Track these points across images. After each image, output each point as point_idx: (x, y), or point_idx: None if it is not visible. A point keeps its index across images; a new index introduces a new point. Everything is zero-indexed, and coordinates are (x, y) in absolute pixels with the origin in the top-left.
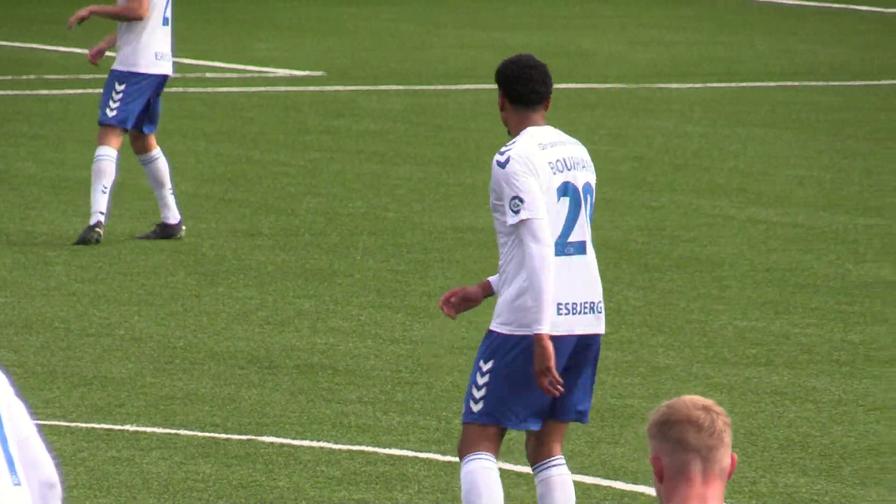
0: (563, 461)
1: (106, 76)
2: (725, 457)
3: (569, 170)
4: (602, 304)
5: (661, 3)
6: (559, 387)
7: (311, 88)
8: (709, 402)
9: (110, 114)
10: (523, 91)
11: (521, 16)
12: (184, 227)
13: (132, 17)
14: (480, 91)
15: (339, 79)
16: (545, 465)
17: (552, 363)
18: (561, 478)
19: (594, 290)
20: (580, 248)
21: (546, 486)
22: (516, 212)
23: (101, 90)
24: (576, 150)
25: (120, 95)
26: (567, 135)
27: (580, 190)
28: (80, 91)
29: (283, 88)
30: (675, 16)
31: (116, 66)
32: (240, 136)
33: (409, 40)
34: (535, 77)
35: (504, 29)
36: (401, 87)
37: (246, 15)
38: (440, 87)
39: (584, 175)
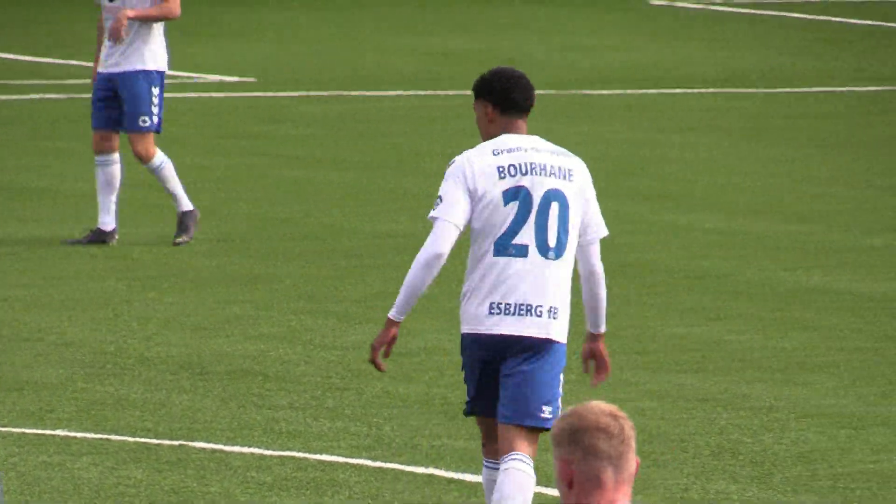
0: (521, 457)
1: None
2: (632, 461)
3: (524, 174)
4: (549, 309)
5: (586, 9)
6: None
7: (241, 94)
8: (613, 407)
9: (155, 119)
10: (519, 99)
11: (445, 21)
12: (117, 236)
13: (171, 17)
14: (406, 97)
15: (266, 85)
16: (503, 459)
17: (379, 347)
18: (513, 471)
19: (536, 294)
20: (522, 251)
21: (501, 476)
22: (434, 208)
23: (31, 96)
24: (544, 158)
25: (158, 99)
26: (551, 144)
27: (535, 196)
28: (2, 97)
29: (212, 94)
30: (601, 21)
31: (146, 67)
32: (170, 142)
33: (334, 46)
34: (527, 85)
35: (429, 34)
36: (325, 93)
37: (176, 22)
38: (364, 92)
39: (550, 182)
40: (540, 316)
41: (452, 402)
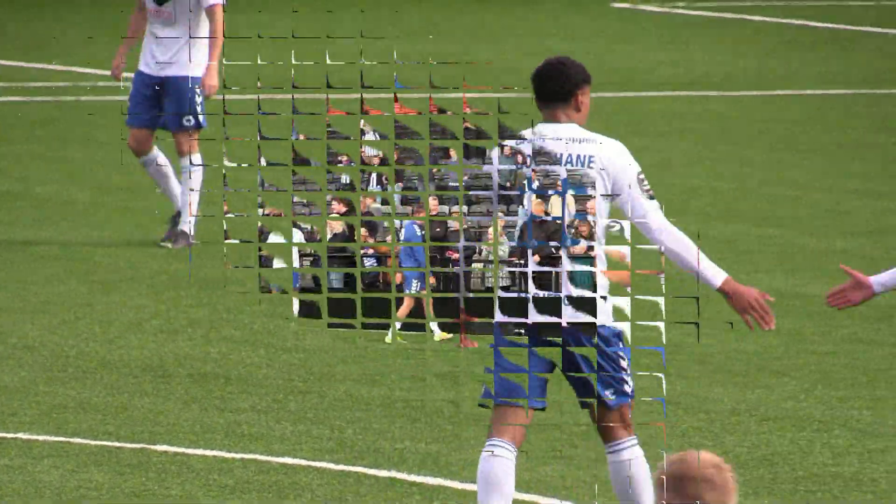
0: (626, 443)
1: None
2: None
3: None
4: (574, 299)
5: (555, 13)
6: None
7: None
8: (719, 459)
9: (200, 118)
10: (547, 89)
11: (417, 25)
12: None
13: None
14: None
15: (238, 87)
16: (608, 450)
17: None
18: (618, 464)
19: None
20: None
21: (611, 470)
22: None
23: None
24: (559, 147)
25: (201, 99)
26: (582, 131)
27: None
28: None
29: None
30: (569, 25)
31: (191, 73)
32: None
33: (305, 49)
34: (547, 76)
35: (401, 38)
36: (299, 96)
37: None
38: (338, 96)
39: (564, 171)
40: (566, 305)
41: (415, 405)
